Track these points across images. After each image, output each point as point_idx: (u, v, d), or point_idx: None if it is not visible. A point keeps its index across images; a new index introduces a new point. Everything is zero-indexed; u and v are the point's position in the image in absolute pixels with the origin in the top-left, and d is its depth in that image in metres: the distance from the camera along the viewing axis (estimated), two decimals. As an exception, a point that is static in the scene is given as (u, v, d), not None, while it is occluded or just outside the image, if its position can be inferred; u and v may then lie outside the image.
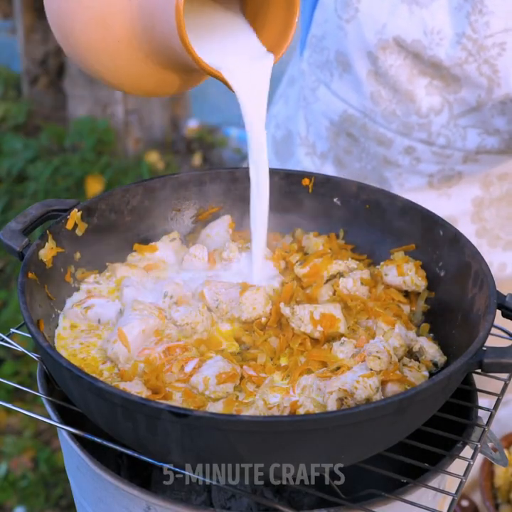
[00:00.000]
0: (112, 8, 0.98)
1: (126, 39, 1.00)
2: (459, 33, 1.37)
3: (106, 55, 1.02)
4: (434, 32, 1.39)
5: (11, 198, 3.75)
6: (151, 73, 1.04)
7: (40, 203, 1.12)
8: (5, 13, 4.69)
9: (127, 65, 1.03)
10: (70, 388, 0.90)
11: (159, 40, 0.99)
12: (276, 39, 1.05)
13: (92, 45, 1.02)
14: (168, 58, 1.01)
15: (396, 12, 1.41)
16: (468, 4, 1.35)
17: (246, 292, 1.06)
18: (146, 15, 0.97)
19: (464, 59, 1.37)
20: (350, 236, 1.21)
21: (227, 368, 0.96)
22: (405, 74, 1.44)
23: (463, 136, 1.46)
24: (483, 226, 1.57)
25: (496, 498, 1.57)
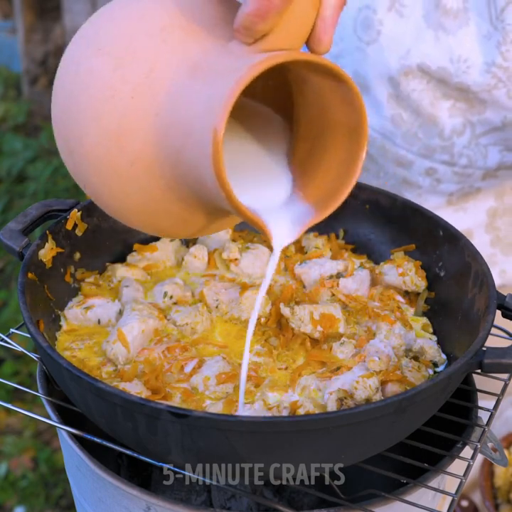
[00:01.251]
0: (130, 124, 0.78)
1: (141, 162, 0.79)
2: (489, 61, 1.34)
3: (114, 178, 0.81)
4: (461, 60, 1.35)
5: (11, 198, 3.75)
6: (168, 208, 0.82)
7: (40, 202, 1.12)
8: (5, 13, 4.69)
9: (138, 194, 0.81)
10: (69, 388, 0.90)
11: (185, 171, 0.78)
12: (323, 195, 0.84)
13: (99, 164, 0.81)
14: (195, 195, 0.80)
15: (421, 37, 1.37)
16: (498, 33, 1.33)
17: (246, 292, 1.06)
18: (173, 138, 0.77)
19: (493, 85, 1.35)
20: (350, 236, 1.21)
21: (227, 368, 0.96)
22: (428, 97, 1.41)
23: (484, 154, 1.44)
24: (497, 235, 1.57)
25: (496, 498, 1.57)
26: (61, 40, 4.16)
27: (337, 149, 0.82)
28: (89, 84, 0.79)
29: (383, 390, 0.94)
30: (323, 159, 0.84)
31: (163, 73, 0.78)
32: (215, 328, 1.05)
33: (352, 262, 1.14)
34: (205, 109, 0.74)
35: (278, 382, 0.96)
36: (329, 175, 0.83)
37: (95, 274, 1.13)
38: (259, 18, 0.74)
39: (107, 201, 0.84)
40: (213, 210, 0.82)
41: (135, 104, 0.78)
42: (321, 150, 0.84)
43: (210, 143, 0.72)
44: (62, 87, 0.83)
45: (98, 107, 0.79)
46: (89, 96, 0.79)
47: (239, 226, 1.22)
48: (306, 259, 1.15)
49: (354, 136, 0.80)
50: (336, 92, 0.78)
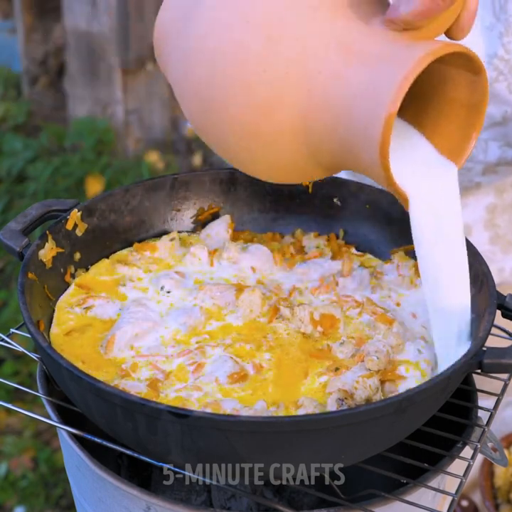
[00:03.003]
0: (282, 98, 0.82)
1: (287, 133, 0.84)
2: (491, 53, 1.34)
3: (257, 144, 0.86)
4: None
5: (11, 198, 3.74)
6: (302, 168, 0.89)
7: (40, 203, 1.12)
8: (5, 13, 4.69)
9: (278, 157, 0.87)
10: (69, 388, 0.90)
11: (334, 145, 0.84)
12: (454, 143, 0.90)
13: (244, 130, 0.85)
14: (335, 163, 0.87)
15: None
16: (500, 24, 1.33)
17: (242, 295, 1.05)
18: (324, 115, 0.82)
19: (494, 78, 1.35)
20: (350, 236, 1.21)
21: (237, 367, 0.95)
22: None
23: (484, 149, 1.45)
24: (496, 233, 1.57)
25: (496, 498, 1.57)
26: (61, 40, 4.16)
27: (454, 117, 0.89)
28: (239, 57, 0.82)
29: (382, 389, 0.94)
30: (442, 123, 0.90)
31: (316, 51, 0.81)
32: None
33: (351, 262, 1.14)
34: (368, 93, 0.79)
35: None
36: (452, 125, 0.89)
37: (95, 274, 1.13)
38: (424, 17, 0.79)
39: (243, 161, 0.90)
40: (337, 170, 0.91)
41: (288, 80, 0.82)
42: (439, 116, 0.90)
43: (380, 129, 0.77)
44: (201, 51, 0.85)
45: (249, 80, 0.82)
46: (239, 68, 0.82)
47: (239, 226, 1.23)
48: (306, 259, 1.15)
49: (474, 110, 0.88)
50: (463, 78, 0.86)
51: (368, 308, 1.07)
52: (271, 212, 1.24)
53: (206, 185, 1.23)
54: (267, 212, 1.24)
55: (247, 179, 1.23)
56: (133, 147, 4.09)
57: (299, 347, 1.00)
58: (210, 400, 0.91)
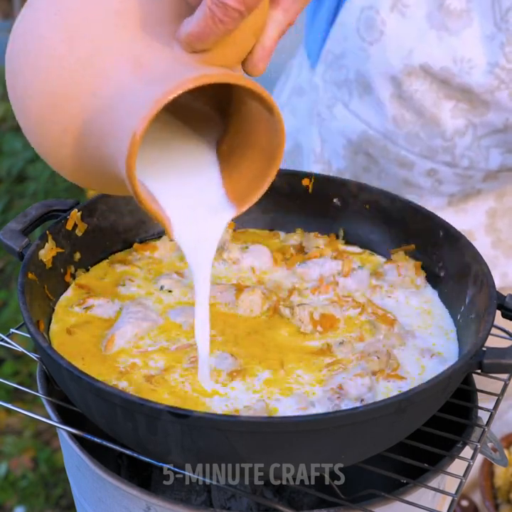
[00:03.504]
0: (67, 95, 0.82)
1: (70, 133, 0.83)
2: (492, 62, 1.34)
3: (48, 141, 0.85)
4: (465, 60, 1.35)
5: (11, 198, 3.75)
6: (92, 173, 0.88)
7: (40, 203, 1.12)
8: (5, 13, 4.69)
9: (66, 157, 0.86)
10: (69, 388, 0.90)
11: (104, 153, 0.82)
12: (244, 191, 0.88)
13: (38, 123, 0.85)
14: (109, 173, 0.84)
15: (424, 38, 1.37)
16: (502, 34, 1.33)
17: (242, 295, 1.06)
18: (102, 122, 0.81)
19: (495, 86, 1.35)
20: (350, 236, 1.21)
21: (236, 364, 0.96)
22: (431, 98, 1.41)
23: (485, 156, 1.44)
24: (498, 237, 1.57)
25: (496, 498, 1.57)
26: (61, 40, 4.16)
27: (255, 160, 0.86)
28: (38, 52, 0.83)
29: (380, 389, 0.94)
30: (244, 163, 0.88)
31: (108, 57, 0.81)
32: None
33: (351, 262, 1.14)
34: (133, 107, 0.77)
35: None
36: (247, 176, 0.87)
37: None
38: (199, 40, 0.78)
39: (43, 153, 0.88)
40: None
41: (75, 79, 0.81)
42: (242, 155, 0.88)
43: (127, 146, 0.75)
44: (16, 37, 0.89)
45: (41, 71, 0.83)
46: (36, 57, 0.83)
47: (239, 226, 1.23)
48: (306, 259, 1.16)
49: (271, 156, 0.84)
50: (262, 114, 0.82)
51: (368, 308, 1.07)
52: (271, 213, 1.24)
53: (206, 185, 1.22)
54: (267, 212, 1.24)
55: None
56: (133, 147, 4.09)
57: (298, 346, 1.01)
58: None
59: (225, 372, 0.95)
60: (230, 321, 1.04)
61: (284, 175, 1.23)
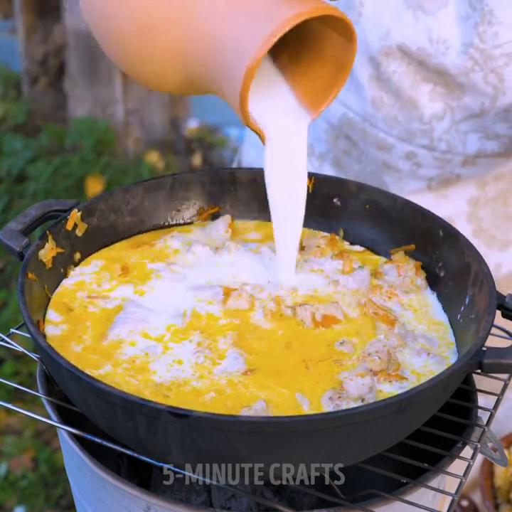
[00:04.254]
0: (166, 24, 0.93)
1: (166, 59, 0.96)
2: (466, 42, 1.35)
3: (141, 61, 0.98)
4: (440, 41, 1.36)
5: (11, 198, 3.75)
6: (179, 84, 1.00)
7: (40, 203, 1.12)
8: (5, 13, 4.69)
9: (156, 72, 0.99)
10: (69, 388, 0.90)
11: (207, 74, 0.95)
12: (316, 95, 1.01)
13: (129, 46, 0.97)
14: (210, 90, 0.98)
15: (401, 18, 1.38)
16: (476, 14, 1.33)
17: (229, 300, 1.06)
18: (201, 48, 0.93)
19: (470, 68, 1.35)
20: (350, 236, 1.21)
21: (245, 365, 0.96)
22: (408, 80, 1.42)
23: (463, 141, 1.45)
24: (480, 226, 1.57)
25: (496, 498, 1.57)
26: (61, 40, 4.16)
27: (325, 68, 0.98)
28: None
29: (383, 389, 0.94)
30: (313, 71, 1.00)
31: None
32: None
33: (351, 262, 1.14)
34: (238, 42, 0.89)
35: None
36: (319, 83, 1.00)
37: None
38: None
39: (135, 70, 1.02)
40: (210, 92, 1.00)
41: (173, 13, 0.92)
42: (311, 65, 1.00)
43: (241, 78, 0.88)
44: None
45: (137, 6, 0.94)
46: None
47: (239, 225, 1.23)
48: (306, 259, 1.15)
49: (342, 64, 0.97)
50: (337, 36, 0.95)
51: (369, 308, 1.07)
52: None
53: (206, 185, 1.23)
54: (267, 212, 1.24)
55: (247, 179, 1.23)
56: (133, 147, 4.09)
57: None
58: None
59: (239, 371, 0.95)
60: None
61: (284, 175, 1.23)
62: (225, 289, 1.08)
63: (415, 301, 1.11)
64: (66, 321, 1.02)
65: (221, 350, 0.98)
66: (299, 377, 0.95)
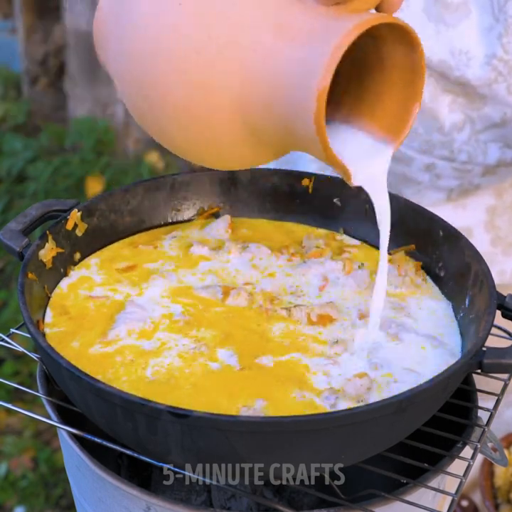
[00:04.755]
0: (217, 79, 0.84)
1: (225, 113, 0.86)
2: (489, 54, 1.34)
3: (195, 126, 0.88)
4: (462, 53, 1.36)
5: (11, 198, 3.75)
6: (241, 149, 0.91)
7: (40, 203, 1.12)
8: (5, 13, 4.69)
9: (216, 138, 0.89)
10: (69, 388, 0.90)
11: (271, 121, 0.85)
12: (391, 124, 0.91)
13: (180, 112, 0.87)
14: (274, 140, 0.88)
15: (422, 31, 1.32)
16: (500, 25, 1.32)
17: (228, 299, 1.06)
18: (260, 93, 0.83)
19: (493, 79, 1.35)
20: (350, 236, 1.21)
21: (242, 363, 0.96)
22: (429, 92, 1.41)
23: (484, 151, 1.45)
24: (497, 234, 1.57)
25: (496, 498, 1.57)
26: (61, 40, 4.16)
27: (394, 92, 0.89)
28: (172, 40, 0.84)
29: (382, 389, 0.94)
30: (382, 98, 0.91)
31: (248, 29, 0.83)
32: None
33: (351, 262, 1.14)
34: (301, 66, 0.80)
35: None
36: (391, 110, 0.91)
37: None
38: None
39: (185, 148, 0.92)
40: (281, 150, 0.92)
41: (222, 61, 0.83)
42: (379, 92, 0.91)
43: (314, 100, 0.78)
44: (135, 36, 0.88)
45: (183, 63, 0.84)
46: (172, 51, 0.84)
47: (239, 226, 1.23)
48: (306, 259, 1.16)
49: (413, 83, 0.88)
50: (400, 50, 0.87)
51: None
52: (271, 212, 1.24)
53: (206, 185, 1.23)
54: (267, 212, 1.24)
55: (247, 179, 1.23)
56: (133, 147, 4.09)
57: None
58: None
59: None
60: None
61: (284, 175, 1.23)
62: (224, 288, 1.08)
63: (415, 300, 1.11)
64: (66, 319, 1.02)
65: (218, 348, 0.98)
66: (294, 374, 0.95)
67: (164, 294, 1.08)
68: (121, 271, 1.12)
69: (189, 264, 1.14)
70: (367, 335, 1.01)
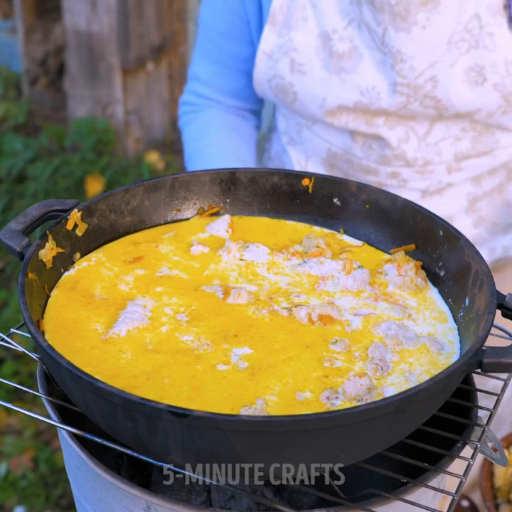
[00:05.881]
0: None
1: None
2: (392, 83, 1.46)
3: None
4: (370, 89, 1.48)
5: (11, 198, 3.75)
6: None
7: (40, 203, 1.12)
8: (5, 13, 4.69)
9: None
10: (69, 388, 0.90)
11: None
12: None
13: None
14: None
15: (328, 85, 1.50)
16: (388, 57, 1.45)
17: (228, 298, 1.06)
18: None
19: (405, 101, 1.47)
20: (350, 235, 1.21)
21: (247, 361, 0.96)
22: (362, 122, 1.53)
23: (437, 151, 1.54)
24: (479, 216, 1.63)
25: (496, 498, 1.57)
26: (61, 40, 4.16)
27: None
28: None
29: (382, 389, 0.94)
30: None
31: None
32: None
33: (352, 262, 1.14)
34: None
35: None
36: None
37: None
38: None
39: None
40: None
41: None
42: None
43: None
44: None
45: None
46: None
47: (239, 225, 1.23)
48: (306, 259, 1.16)
49: None
50: None
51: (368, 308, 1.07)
52: (271, 212, 1.24)
53: (206, 185, 1.23)
54: (267, 212, 1.24)
55: (247, 179, 1.23)
56: (133, 147, 4.09)
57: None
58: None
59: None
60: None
61: (284, 175, 1.23)
62: (225, 288, 1.08)
63: (415, 300, 1.11)
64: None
65: (220, 346, 0.99)
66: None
67: (164, 293, 1.08)
68: (122, 269, 1.12)
69: (189, 264, 1.14)
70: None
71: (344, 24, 1.46)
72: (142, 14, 3.87)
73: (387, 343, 1.01)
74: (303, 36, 1.49)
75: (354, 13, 1.45)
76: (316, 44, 1.49)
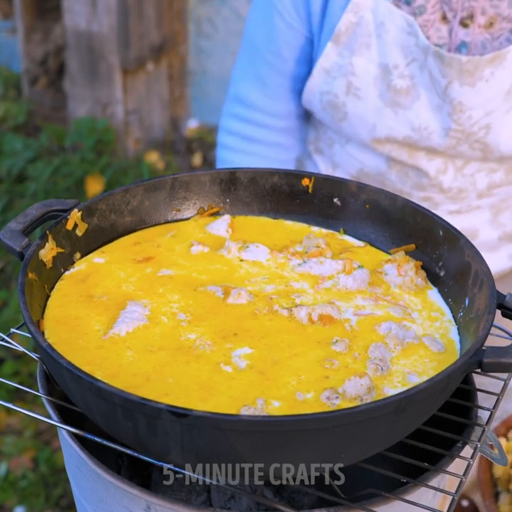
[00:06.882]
0: None
1: None
2: (445, 127, 1.49)
3: None
4: (422, 128, 1.51)
5: (11, 198, 3.75)
6: None
7: (40, 203, 1.12)
8: (5, 13, 4.69)
9: None
10: (69, 388, 0.90)
11: None
12: None
13: None
14: None
15: (382, 114, 1.52)
16: (447, 105, 1.48)
17: (228, 298, 1.06)
18: None
19: (455, 143, 1.51)
20: (350, 235, 1.21)
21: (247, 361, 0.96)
22: (404, 152, 1.56)
23: (472, 182, 1.58)
24: (504, 231, 1.69)
25: (496, 486, 1.57)
26: (61, 40, 4.16)
27: None
28: None
29: (381, 389, 0.94)
30: None
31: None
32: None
33: (352, 262, 1.14)
34: None
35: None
36: None
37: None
38: None
39: None
40: None
41: None
42: None
43: None
44: None
45: None
46: None
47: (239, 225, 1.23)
48: (306, 259, 1.16)
49: None
50: None
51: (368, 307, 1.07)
52: (271, 212, 1.24)
53: (206, 185, 1.23)
54: (267, 212, 1.24)
55: (246, 179, 1.23)
56: (133, 147, 4.09)
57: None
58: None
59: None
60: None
61: (284, 175, 1.23)
62: (225, 288, 1.08)
63: (414, 300, 1.11)
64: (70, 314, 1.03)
65: (220, 346, 0.99)
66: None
67: (164, 293, 1.08)
68: (123, 269, 1.12)
69: (189, 264, 1.14)
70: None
71: (406, 62, 1.48)
72: (142, 14, 3.87)
73: (387, 343, 1.01)
74: (363, 63, 1.50)
75: (417, 55, 1.47)
76: (375, 73, 1.50)
